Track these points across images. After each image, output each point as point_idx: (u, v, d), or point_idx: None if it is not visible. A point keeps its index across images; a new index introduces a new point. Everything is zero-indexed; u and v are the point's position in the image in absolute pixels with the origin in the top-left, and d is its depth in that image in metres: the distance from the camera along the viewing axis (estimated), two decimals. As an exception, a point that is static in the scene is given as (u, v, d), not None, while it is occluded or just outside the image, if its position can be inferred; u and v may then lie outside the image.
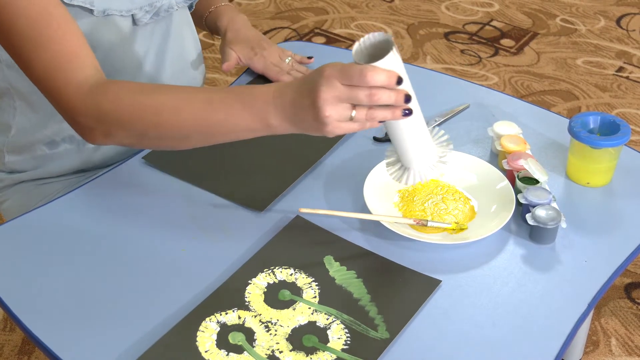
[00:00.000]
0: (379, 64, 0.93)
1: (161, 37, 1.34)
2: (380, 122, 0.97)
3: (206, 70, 2.91)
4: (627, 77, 2.90)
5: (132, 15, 1.25)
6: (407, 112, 0.96)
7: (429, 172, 1.06)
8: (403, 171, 1.06)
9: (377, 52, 0.97)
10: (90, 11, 1.20)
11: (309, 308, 1.03)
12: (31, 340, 1.02)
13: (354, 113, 0.95)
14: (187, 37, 1.41)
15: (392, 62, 0.94)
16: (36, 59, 1.09)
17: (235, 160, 1.27)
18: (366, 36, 0.97)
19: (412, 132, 1.01)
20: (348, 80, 0.93)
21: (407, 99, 0.95)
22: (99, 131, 1.09)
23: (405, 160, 1.05)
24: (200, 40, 1.53)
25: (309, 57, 1.52)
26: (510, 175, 1.21)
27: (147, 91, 1.09)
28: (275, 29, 3.23)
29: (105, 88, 1.09)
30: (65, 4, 1.17)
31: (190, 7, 1.42)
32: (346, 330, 0.99)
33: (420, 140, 1.03)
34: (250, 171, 1.26)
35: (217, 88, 1.08)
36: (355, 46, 0.97)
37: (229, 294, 1.04)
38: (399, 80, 0.93)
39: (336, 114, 0.95)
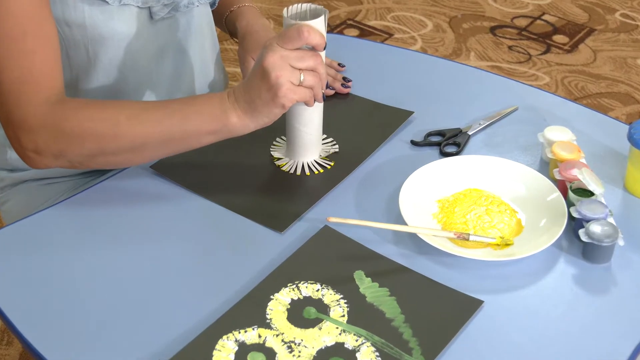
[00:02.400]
0: (313, 22, 1.10)
1: (182, 33, 1.35)
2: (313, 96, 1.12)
3: (227, 64, 2.93)
4: (693, 80, 2.88)
5: (149, 8, 1.27)
6: (324, 95, 1.15)
7: (317, 163, 1.28)
8: (292, 161, 1.27)
9: (309, 18, 1.17)
10: (106, 1, 1.22)
11: (337, 328, 1.03)
12: (31, 354, 1.03)
13: (302, 77, 1.08)
14: (206, 36, 1.42)
15: (323, 25, 1.13)
16: (10, 66, 1.14)
17: (256, 176, 1.28)
18: (299, 4, 1.17)
19: (317, 119, 1.24)
20: (288, 40, 1.07)
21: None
22: (50, 152, 1.16)
23: (299, 148, 1.26)
24: (220, 34, 1.54)
25: (341, 65, 1.51)
26: (562, 186, 1.20)
27: (102, 105, 1.16)
28: (303, 19, 3.24)
29: (62, 106, 1.15)
30: None
31: (212, 5, 1.43)
32: (377, 354, 0.99)
33: (319, 131, 1.27)
34: (272, 188, 1.26)
35: (173, 99, 1.18)
36: (288, 9, 1.15)
37: (249, 310, 1.04)
38: (325, 46, 1.11)
39: (286, 74, 1.07)
